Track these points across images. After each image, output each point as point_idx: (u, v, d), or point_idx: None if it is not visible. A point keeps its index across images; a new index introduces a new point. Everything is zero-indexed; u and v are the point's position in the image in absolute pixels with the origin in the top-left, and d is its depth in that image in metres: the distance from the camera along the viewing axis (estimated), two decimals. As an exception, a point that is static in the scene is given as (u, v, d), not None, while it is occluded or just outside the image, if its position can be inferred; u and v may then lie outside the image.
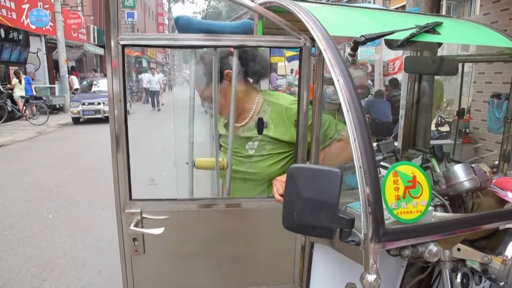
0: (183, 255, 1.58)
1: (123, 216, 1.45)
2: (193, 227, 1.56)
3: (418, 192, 1.19)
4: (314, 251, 1.54)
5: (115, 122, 1.35)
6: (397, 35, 1.49)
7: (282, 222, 1.14)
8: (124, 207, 1.45)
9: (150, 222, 1.46)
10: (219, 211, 1.55)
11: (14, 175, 6.37)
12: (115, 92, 1.34)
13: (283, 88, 12.14)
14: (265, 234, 1.60)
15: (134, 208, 1.45)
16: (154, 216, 1.46)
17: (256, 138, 1.73)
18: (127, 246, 1.48)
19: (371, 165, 1.10)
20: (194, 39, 1.32)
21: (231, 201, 1.59)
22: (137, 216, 1.45)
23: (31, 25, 14.42)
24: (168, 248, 1.57)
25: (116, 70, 1.32)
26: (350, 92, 1.17)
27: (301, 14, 1.45)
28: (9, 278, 3.19)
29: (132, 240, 1.48)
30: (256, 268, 1.63)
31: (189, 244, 1.57)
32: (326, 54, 1.27)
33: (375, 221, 1.08)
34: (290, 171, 1.10)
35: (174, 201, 1.51)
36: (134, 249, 1.50)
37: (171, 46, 1.36)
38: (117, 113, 1.35)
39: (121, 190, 1.43)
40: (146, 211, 1.46)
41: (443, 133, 6.44)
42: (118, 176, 1.41)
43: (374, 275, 1.08)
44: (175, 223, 1.50)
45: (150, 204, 1.48)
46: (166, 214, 1.48)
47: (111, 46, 1.31)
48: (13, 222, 4.35)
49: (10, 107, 12.16)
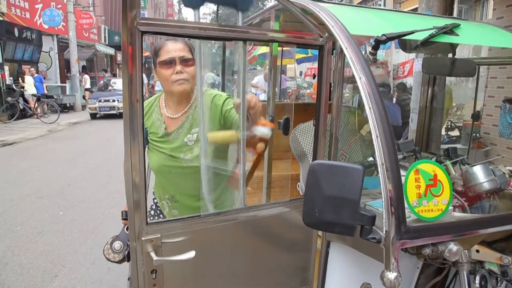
0: (208, 276, 1.42)
1: (138, 244, 1.21)
2: (218, 243, 1.40)
3: (439, 190, 1.18)
4: (330, 249, 1.54)
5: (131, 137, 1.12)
6: (416, 35, 1.49)
7: (303, 218, 1.14)
8: (140, 234, 1.21)
9: (169, 247, 1.26)
10: (242, 222, 1.43)
11: (26, 172, 6.44)
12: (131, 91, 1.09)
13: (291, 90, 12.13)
14: (283, 237, 1.58)
15: (152, 234, 1.23)
16: (174, 239, 1.26)
17: (194, 131, 1.78)
18: (146, 281, 1.24)
19: (393, 162, 1.10)
20: (221, 30, 1.22)
21: (256, 210, 1.48)
22: (157, 242, 1.23)
23: (43, 24, 14.61)
24: (192, 274, 1.38)
25: (134, 62, 1.08)
26: (372, 90, 1.18)
27: (322, 13, 1.46)
28: (21, 273, 3.22)
29: (150, 273, 1.24)
30: (273, 272, 1.61)
31: (214, 262, 1.41)
32: (347, 53, 1.27)
33: (397, 219, 1.08)
34: (312, 167, 1.10)
35: (198, 219, 1.34)
36: (153, 283, 1.26)
37: (196, 36, 1.20)
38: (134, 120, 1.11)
39: (136, 215, 1.19)
40: (165, 235, 1.25)
41: (453, 138, 6.39)
42: (133, 199, 1.18)
43: (395, 273, 1.08)
44: (199, 244, 1.31)
45: (171, 227, 1.28)
46: (188, 235, 1.29)
47: (127, 32, 1.06)
48: (25, 219, 4.39)
49: (22, 105, 12.30)
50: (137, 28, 1.08)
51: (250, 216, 1.43)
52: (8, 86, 12.24)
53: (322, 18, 1.41)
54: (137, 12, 1.08)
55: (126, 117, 1.10)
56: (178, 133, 1.81)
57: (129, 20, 1.07)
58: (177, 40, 1.72)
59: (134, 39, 1.08)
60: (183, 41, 1.73)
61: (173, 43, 1.72)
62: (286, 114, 2.32)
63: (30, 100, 12.67)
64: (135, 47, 1.09)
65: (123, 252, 2.10)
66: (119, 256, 2.13)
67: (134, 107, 1.10)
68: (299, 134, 2.14)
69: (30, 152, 8.02)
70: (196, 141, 1.78)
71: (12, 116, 11.99)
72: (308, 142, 2.13)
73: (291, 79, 14.55)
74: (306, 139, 2.13)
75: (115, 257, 2.14)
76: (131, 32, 1.08)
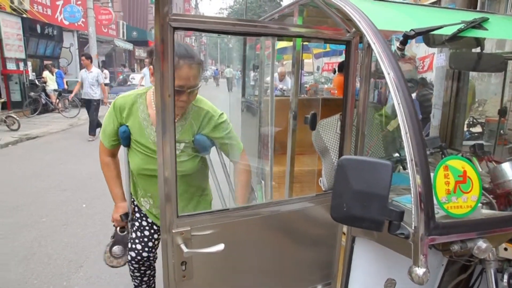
0: (235, 268, 1.44)
1: (169, 237, 1.24)
2: (244, 236, 1.43)
3: (469, 187, 1.18)
4: (355, 245, 1.54)
5: (163, 131, 1.13)
6: (445, 30, 1.48)
7: (331, 213, 1.15)
8: (171, 226, 1.23)
9: (198, 239, 1.28)
10: (268, 216, 1.45)
11: (49, 166, 6.61)
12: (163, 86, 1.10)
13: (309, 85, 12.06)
14: (308, 232, 1.59)
15: (182, 227, 1.25)
16: (203, 232, 1.29)
17: (183, 140, 1.80)
18: (176, 272, 1.27)
19: (422, 157, 1.10)
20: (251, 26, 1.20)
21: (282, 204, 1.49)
22: (187, 234, 1.26)
23: (64, 20, 14.88)
24: (219, 265, 1.41)
25: (166, 58, 1.09)
26: (401, 85, 1.17)
27: (348, 8, 1.46)
28: (48, 263, 3.33)
29: (180, 265, 1.27)
30: (297, 266, 1.62)
31: (240, 256, 1.44)
32: (375, 48, 1.27)
33: (426, 215, 1.08)
34: (340, 162, 1.11)
35: (227, 212, 1.37)
36: (182, 275, 1.29)
37: (227, 32, 1.18)
38: (166, 115, 1.12)
39: (167, 208, 1.21)
40: (195, 227, 1.28)
41: (475, 134, 6.26)
42: (165, 192, 1.19)
43: (424, 269, 1.08)
44: (226, 237, 1.33)
45: (200, 219, 1.30)
46: (216, 228, 1.32)
47: (160, 28, 1.08)
48: (50, 211, 4.52)
49: (44, 100, 12.59)
50: (169, 24, 1.10)
51: (276, 210, 1.44)
52: (31, 82, 12.53)
53: (349, 13, 1.41)
54: (169, 8, 1.10)
55: (158, 112, 1.13)
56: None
57: (161, 16, 1.08)
58: (192, 64, 1.61)
59: (166, 35, 1.10)
60: (197, 65, 1.63)
61: (188, 68, 1.60)
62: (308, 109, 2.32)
63: (51, 95, 12.95)
64: (167, 43, 1.11)
65: (126, 254, 2.10)
66: (123, 260, 2.13)
67: (166, 102, 1.13)
68: (322, 130, 2.14)
69: (52, 146, 8.22)
70: (182, 150, 1.81)
71: (35, 111, 12.28)
72: (331, 138, 2.13)
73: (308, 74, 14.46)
74: (328, 134, 2.13)
75: (119, 262, 2.14)
76: (163, 28, 1.09)
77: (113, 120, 1.86)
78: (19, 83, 12.00)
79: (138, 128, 1.82)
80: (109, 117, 1.88)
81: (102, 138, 1.97)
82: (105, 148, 1.99)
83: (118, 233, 2.12)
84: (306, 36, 1.41)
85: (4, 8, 11.20)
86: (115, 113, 1.85)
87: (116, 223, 2.11)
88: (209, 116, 1.82)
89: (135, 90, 1.92)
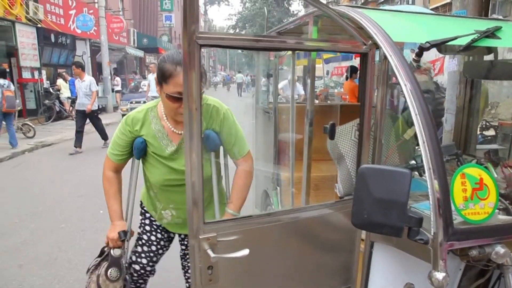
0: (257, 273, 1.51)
1: (196, 242, 1.29)
2: (267, 242, 1.49)
3: (485, 194, 1.22)
4: (374, 250, 1.58)
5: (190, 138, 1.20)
6: (459, 41, 1.52)
7: (351, 219, 1.20)
8: (198, 232, 1.29)
9: (223, 245, 1.33)
10: (289, 222, 1.51)
11: (65, 172, 6.75)
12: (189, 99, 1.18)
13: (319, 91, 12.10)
14: (328, 238, 1.64)
15: (208, 233, 1.31)
16: (228, 238, 1.34)
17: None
18: (203, 276, 1.33)
19: (440, 166, 1.14)
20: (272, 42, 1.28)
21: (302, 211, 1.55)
22: (213, 240, 1.31)
23: (77, 29, 15.15)
24: (243, 270, 1.47)
25: (192, 72, 1.17)
26: (418, 96, 1.22)
27: (364, 21, 1.51)
28: (69, 267, 3.42)
29: (207, 269, 1.33)
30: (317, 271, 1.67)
31: (263, 260, 1.50)
32: (392, 60, 1.32)
33: (444, 221, 1.12)
34: (361, 171, 1.16)
35: (250, 219, 1.43)
36: (209, 279, 1.34)
37: (251, 48, 1.26)
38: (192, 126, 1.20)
39: (194, 214, 1.27)
40: (221, 233, 1.33)
41: (488, 138, 6.23)
42: (192, 197, 1.26)
43: (443, 273, 1.12)
44: (250, 242, 1.38)
45: (226, 226, 1.36)
46: (240, 234, 1.37)
47: (187, 45, 1.16)
48: (68, 217, 4.63)
49: (58, 108, 12.83)
50: (196, 42, 1.17)
51: (297, 217, 1.50)
52: (46, 90, 12.81)
53: (366, 26, 1.46)
54: (196, 27, 1.17)
55: (186, 123, 1.19)
56: (181, 147, 1.83)
57: (189, 34, 1.16)
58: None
59: (193, 51, 1.17)
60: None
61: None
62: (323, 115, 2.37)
63: (65, 102, 13.19)
64: (194, 59, 1.18)
65: (122, 276, 1.99)
66: (119, 283, 1.99)
67: (193, 114, 1.20)
68: (337, 137, 2.18)
69: (67, 153, 8.36)
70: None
71: (49, 118, 12.53)
72: (346, 145, 2.17)
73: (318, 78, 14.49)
74: (344, 141, 2.18)
75: (115, 286, 1.98)
76: (190, 45, 1.16)
77: (126, 133, 1.87)
78: (34, 91, 12.29)
79: (154, 141, 1.84)
80: (121, 130, 1.89)
81: (110, 153, 1.97)
82: (111, 162, 1.99)
83: (112, 255, 2.00)
84: (325, 50, 1.47)
85: (20, 18, 11.48)
86: (127, 127, 1.86)
87: (111, 243, 1.99)
88: (216, 109, 1.82)
89: (144, 104, 1.93)
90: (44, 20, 12.93)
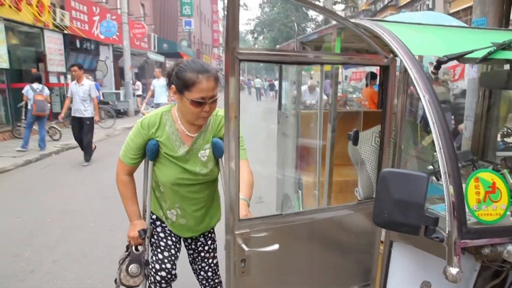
0: (284, 267, 1.63)
1: (231, 237, 1.43)
2: (294, 239, 1.61)
3: (498, 197, 1.32)
4: (393, 249, 1.69)
5: (230, 140, 1.34)
6: (475, 54, 1.62)
7: (373, 219, 1.32)
8: (233, 228, 1.42)
9: (255, 240, 1.46)
10: (316, 221, 1.63)
11: (90, 174, 7.02)
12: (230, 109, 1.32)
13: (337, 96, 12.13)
14: (349, 237, 1.76)
15: (242, 229, 1.44)
16: (260, 234, 1.47)
17: (206, 147, 1.99)
18: (237, 268, 1.46)
19: (455, 171, 1.25)
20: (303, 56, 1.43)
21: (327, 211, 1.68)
22: (247, 236, 1.44)
23: (100, 35, 15.63)
24: (272, 264, 1.59)
25: (233, 84, 1.31)
26: (435, 107, 1.33)
27: (385, 35, 1.63)
28: (99, 264, 3.61)
29: (240, 262, 1.46)
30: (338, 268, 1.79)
31: (289, 256, 1.61)
32: (412, 73, 1.43)
33: (458, 221, 1.23)
34: (382, 175, 1.28)
35: (280, 217, 1.58)
36: (242, 271, 1.47)
37: (283, 62, 1.43)
38: (231, 131, 1.34)
39: (230, 212, 1.40)
40: (254, 230, 1.46)
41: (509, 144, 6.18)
42: (230, 198, 1.38)
43: (457, 269, 1.23)
44: (279, 239, 1.50)
45: (258, 223, 1.49)
46: (270, 231, 1.50)
47: (229, 60, 1.30)
48: (96, 217, 4.85)
49: (82, 111, 13.22)
50: (236, 57, 1.31)
51: (322, 216, 1.63)
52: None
53: (387, 40, 1.58)
54: (236, 44, 1.31)
55: (227, 130, 1.35)
56: (193, 149, 1.98)
57: (230, 50, 1.30)
58: (209, 77, 1.79)
59: (233, 65, 1.32)
60: (214, 77, 1.81)
61: (206, 81, 1.78)
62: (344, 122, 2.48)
63: (88, 106, 13.56)
64: (234, 72, 1.32)
65: (142, 272, 2.12)
66: (139, 278, 2.12)
67: (232, 122, 1.34)
68: (358, 143, 2.29)
69: (93, 156, 8.65)
70: (208, 157, 1.99)
71: (73, 121, 12.93)
72: (367, 150, 2.28)
73: (337, 84, 14.48)
74: (364, 147, 2.29)
75: (135, 281, 2.12)
76: (231, 59, 1.31)
77: (141, 136, 1.98)
78: (59, 95, 12.74)
79: (167, 142, 1.97)
80: (136, 134, 1.99)
81: (123, 156, 2.06)
82: (124, 165, 2.08)
83: (134, 252, 2.13)
84: (350, 63, 1.59)
85: (47, 25, 11.95)
86: (143, 130, 1.97)
87: (133, 241, 2.13)
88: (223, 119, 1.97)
89: (159, 109, 2.05)
90: (70, 27, 13.41)
